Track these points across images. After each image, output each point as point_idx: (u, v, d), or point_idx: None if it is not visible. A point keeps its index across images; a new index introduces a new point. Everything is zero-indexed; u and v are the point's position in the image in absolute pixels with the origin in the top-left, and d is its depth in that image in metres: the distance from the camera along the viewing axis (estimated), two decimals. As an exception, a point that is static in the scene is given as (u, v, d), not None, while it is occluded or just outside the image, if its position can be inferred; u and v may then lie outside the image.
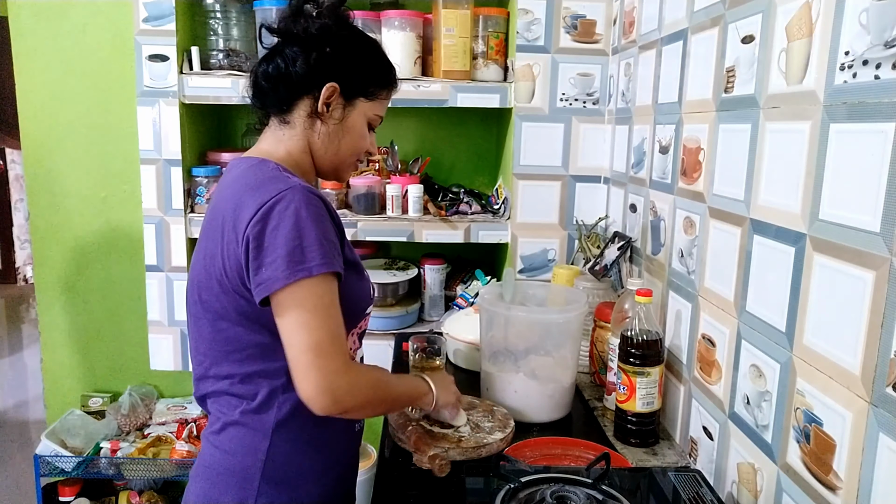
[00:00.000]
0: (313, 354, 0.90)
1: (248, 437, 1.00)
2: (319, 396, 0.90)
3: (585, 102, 1.92)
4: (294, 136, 1.07)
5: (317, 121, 1.06)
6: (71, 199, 2.20)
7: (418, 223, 1.97)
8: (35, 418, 3.37)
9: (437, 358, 1.56)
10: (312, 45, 1.03)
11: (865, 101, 0.80)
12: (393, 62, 1.12)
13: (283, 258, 0.90)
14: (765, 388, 1.01)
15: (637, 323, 1.27)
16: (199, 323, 1.03)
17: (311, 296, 0.91)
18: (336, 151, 1.09)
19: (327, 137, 1.07)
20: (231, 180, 1.02)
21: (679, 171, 1.36)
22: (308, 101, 1.05)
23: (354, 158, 1.13)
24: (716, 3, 1.21)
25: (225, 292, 0.97)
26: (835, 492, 0.85)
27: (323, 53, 1.03)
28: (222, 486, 1.00)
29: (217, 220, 0.98)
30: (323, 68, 1.03)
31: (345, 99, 1.06)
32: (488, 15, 1.95)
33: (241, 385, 1.01)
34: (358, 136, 1.10)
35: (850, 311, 0.82)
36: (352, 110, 1.07)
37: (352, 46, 1.06)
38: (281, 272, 0.90)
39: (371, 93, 1.08)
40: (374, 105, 1.10)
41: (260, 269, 0.91)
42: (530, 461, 1.17)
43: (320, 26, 1.03)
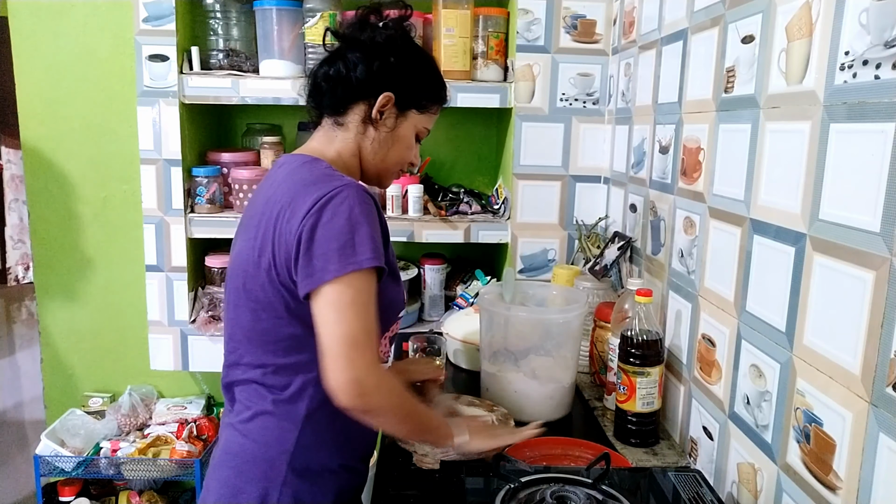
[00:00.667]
0: (346, 346, 0.92)
1: (278, 427, 1.02)
2: (346, 386, 0.91)
3: (585, 102, 1.92)
4: (346, 138, 1.10)
5: (369, 126, 1.10)
6: (71, 199, 2.20)
7: (418, 223, 1.97)
8: (34, 418, 3.37)
9: (437, 358, 1.56)
10: (376, 53, 1.07)
11: (865, 101, 0.80)
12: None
13: (336, 251, 0.93)
14: (765, 388, 1.01)
15: (637, 323, 1.27)
16: (239, 311, 1.05)
17: (354, 289, 0.93)
18: (384, 158, 1.13)
19: (378, 144, 1.11)
20: (285, 175, 1.05)
21: (679, 171, 1.36)
22: (363, 107, 1.09)
23: (399, 168, 1.17)
24: (716, 3, 1.21)
25: (272, 283, 0.99)
26: (835, 492, 0.85)
27: (386, 63, 1.07)
28: (248, 474, 1.02)
29: (272, 212, 1.00)
30: (382, 77, 1.07)
31: (398, 109, 1.10)
32: (488, 15, 1.95)
33: (274, 376, 1.03)
34: (405, 147, 1.14)
35: (850, 311, 0.82)
36: (403, 121, 1.12)
37: (412, 59, 1.11)
38: (333, 265, 0.92)
39: (423, 106, 1.13)
40: (424, 118, 1.14)
41: (312, 260, 0.94)
42: (530, 461, 1.17)
43: (387, 37, 1.08)
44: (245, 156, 2.05)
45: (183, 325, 2.01)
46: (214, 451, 1.10)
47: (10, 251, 5.68)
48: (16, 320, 5.02)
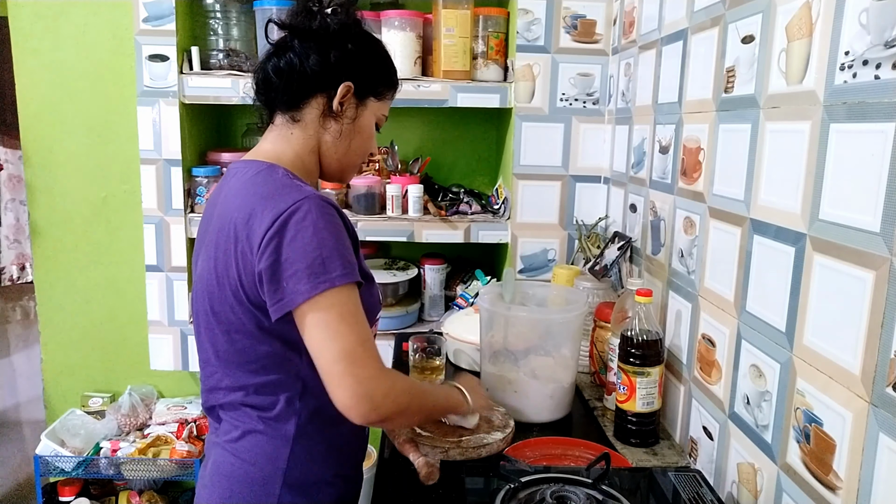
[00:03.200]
0: (346, 363, 0.88)
1: (269, 444, 0.99)
2: (358, 404, 0.88)
3: (585, 102, 1.92)
4: (304, 135, 1.04)
5: (330, 120, 1.04)
6: (71, 199, 2.20)
7: (418, 223, 1.97)
8: (34, 418, 3.37)
9: (437, 358, 1.56)
10: (332, 42, 1.01)
11: (865, 101, 0.80)
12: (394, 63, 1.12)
13: (304, 271, 0.88)
14: (765, 388, 1.01)
15: (637, 323, 1.27)
16: (211, 334, 1.01)
17: (336, 305, 0.89)
18: (346, 151, 1.08)
19: (339, 137, 1.05)
20: (239, 186, 0.99)
21: (679, 171, 1.36)
22: (321, 100, 1.03)
23: (361, 160, 1.12)
24: (716, 3, 1.21)
25: (240, 304, 0.95)
26: (835, 492, 0.85)
27: (343, 51, 1.01)
28: (241, 494, 0.99)
29: (228, 229, 0.95)
30: (341, 66, 1.01)
31: (357, 98, 1.05)
32: (488, 15, 1.95)
33: (257, 395, 0.99)
34: (367, 137, 1.10)
35: (850, 311, 0.82)
36: (363, 110, 1.07)
37: (367, 46, 1.06)
38: (303, 285, 0.87)
39: (381, 93, 1.08)
40: (381, 105, 1.09)
41: (280, 283, 0.89)
42: (530, 461, 1.17)
43: (340, 24, 1.02)
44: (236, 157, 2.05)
45: (183, 325, 2.01)
46: (203, 471, 1.06)
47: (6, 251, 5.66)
48: (11, 320, 5.02)
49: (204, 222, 1.05)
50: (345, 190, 2.06)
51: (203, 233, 1.04)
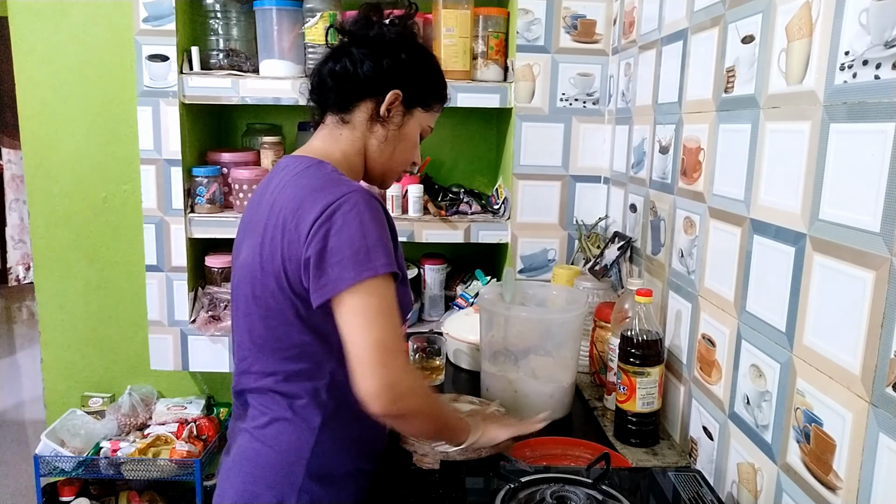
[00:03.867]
0: (378, 351, 0.91)
1: (295, 433, 1.02)
2: (382, 393, 0.90)
3: (585, 102, 1.92)
4: (352, 137, 1.09)
5: (376, 124, 1.08)
6: (71, 199, 2.20)
7: (418, 223, 1.97)
8: (35, 418, 3.37)
9: (437, 358, 1.56)
10: (386, 50, 1.06)
11: (865, 101, 0.80)
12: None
13: (350, 258, 0.92)
14: (765, 388, 1.01)
15: (637, 323, 1.27)
16: (250, 318, 1.04)
17: (376, 295, 0.92)
18: (390, 157, 1.12)
19: (384, 142, 1.10)
20: (290, 179, 1.03)
21: (679, 171, 1.36)
22: (370, 104, 1.07)
23: (403, 167, 1.16)
24: (716, 3, 1.21)
25: (282, 290, 0.98)
26: (835, 492, 0.85)
27: (396, 60, 1.06)
28: (265, 479, 1.02)
29: (277, 218, 0.99)
30: (392, 74, 1.06)
31: (405, 107, 1.09)
32: (488, 15, 1.95)
33: (286, 383, 1.02)
34: (411, 145, 1.13)
35: (850, 310, 0.82)
36: (409, 119, 1.11)
37: (420, 57, 1.10)
38: (348, 272, 0.91)
39: (428, 104, 1.12)
40: (427, 116, 1.14)
41: (325, 269, 0.92)
42: (530, 461, 1.17)
43: (397, 34, 1.07)
44: (245, 156, 2.05)
45: (183, 325, 2.01)
46: (225, 457, 1.09)
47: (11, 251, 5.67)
48: (16, 320, 5.02)
49: (249, 212, 1.10)
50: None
51: (248, 222, 1.08)
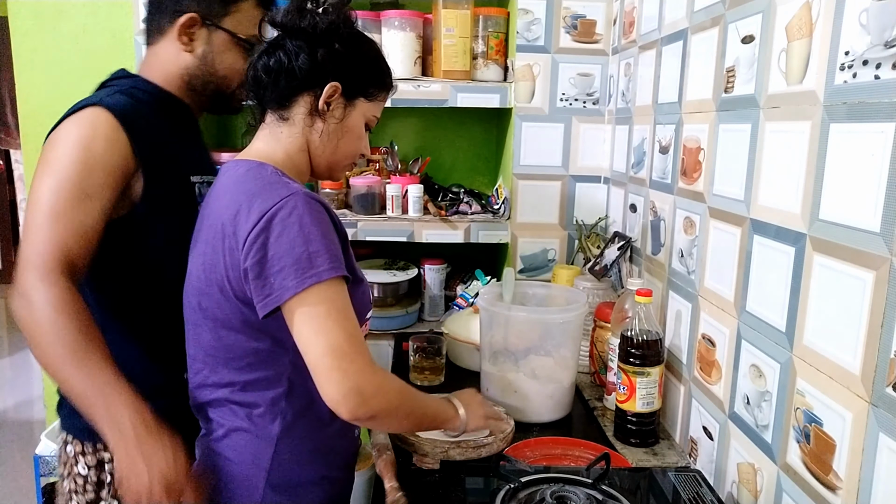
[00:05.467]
0: (332, 357, 0.88)
1: (252, 444, 0.99)
2: (346, 399, 0.88)
3: (585, 102, 1.92)
4: (293, 134, 1.04)
5: (317, 119, 1.04)
6: (71, 199, 2.20)
7: (418, 223, 1.97)
8: (34, 418, 3.37)
9: (438, 358, 1.56)
10: (319, 41, 1.01)
11: (865, 101, 0.80)
12: (393, 62, 1.12)
13: (291, 266, 0.89)
14: (765, 388, 1.01)
15: (637, 323, 1.27)
16: (198, 330, 1.02)
17: (324, 300, 0.90)
18: (334, 150, 1.07)
19: (326, 136, 1.05)
20: (230, 184, 1.00)
21: (679, 171, 1.36)
22: (308, 99, 1.03)
23: (350, 160, 1.11)
24: (716, 3, 1.21)
25: (227, 300, 0.96)
26: (835, 492, 0.85)
27: (331, 50, 1.01)
28: (225, 492, 0.99)
29: (216, 226, 0.96)
30: (328, 65, 1.01)
31: (345, 98, 1.04)
32: (488, 15, 1.95)
33: (242, 393, 1.00)
34: (356, 137, 1.08)
35: (850, 311, 0.82)
36: (352, 110, 1.06)
37: (357, 46, 1.05)
38: (290, 281, 0.88)
39: (371, 93, 1.07)
40: (371, 106, 1.08)
41: (267, 279, 0.90)
42: (530, 461, 1.17)
43: (329, 23, 1.01)
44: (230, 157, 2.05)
45: (183, 325, 2.01)
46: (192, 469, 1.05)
47: (19, 250, 5.68)
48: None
49: (197, 221, 1.06)
50: (345, 190, 2.06)
51: (196, 231, 1.05)
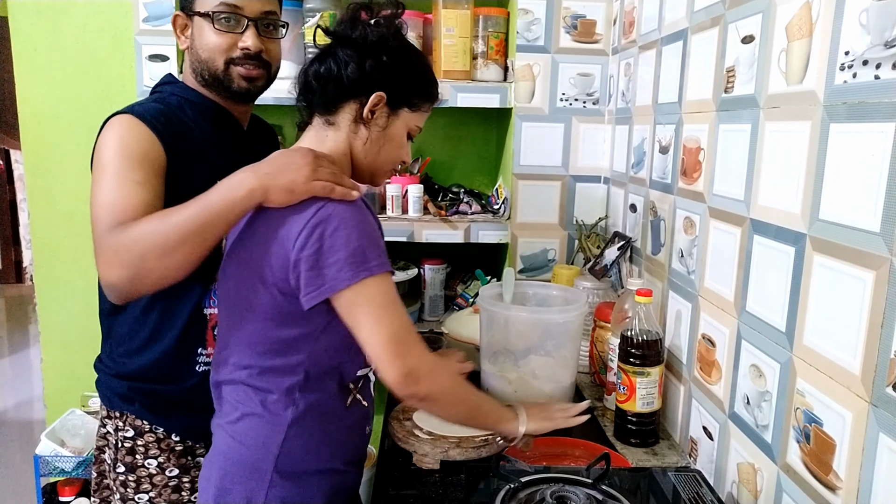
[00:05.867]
0: (394, 345, 0.95)
1: (263, 429, 1.02)
2: (405, 380, 0.96)
3: (585, 102, 1.92)
4: (337, 137, 1.08)
5: (361, 126, 1.08)
6: (71, 199, 2.20)
7: (418, 223, 1.97)
8: (34, 418, 3.37)
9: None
10: (368, 51, 1.05)
11: (865, 101, 0.80)
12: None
13: (345, 259, 0.94)
14: (765, 388, 1.01)
15: (637, 323, 1.27)
16: (229, 311, 1.06)
17: (379, 293, 0.96)
18: (375, 157, 1.11)
19: (369, 143, 1.09)
20: None
21: (679, 171, 1.36)
22: (354, 106, 1.07)
23: (391, 167, 1.15)
24: (716, 3, 1.21)
25: (265, 286, 0.99)
26: (835, 492, 0.85)
27: (378, 61, 1.05)
28: (235, 475, 1.03)
29: (267, 215, 1.00)
30: (375, 76, 1.05)
31: (390, 108, 1.08)
32: (488, 15, 1.95)
33: (259, 378, 1.03)
34: (397, 146, 1.12)
35: (850, 311, 0.82)
36: (395, 119, 1.10)
37: (404, 58, 1.09)
38: (345, 273, 0.94)
39: (415, 104, 1.11)
40: (415, 116, 1.12)
41: (321, 271, 0.94)
42: (530, 461, 1.17)
43: (379, 35, 1.06)
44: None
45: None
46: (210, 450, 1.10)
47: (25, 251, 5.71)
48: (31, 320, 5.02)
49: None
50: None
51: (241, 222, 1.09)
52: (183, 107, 1.20)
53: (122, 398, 1.20)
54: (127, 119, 1.13)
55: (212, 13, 1.16)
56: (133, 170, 1.06)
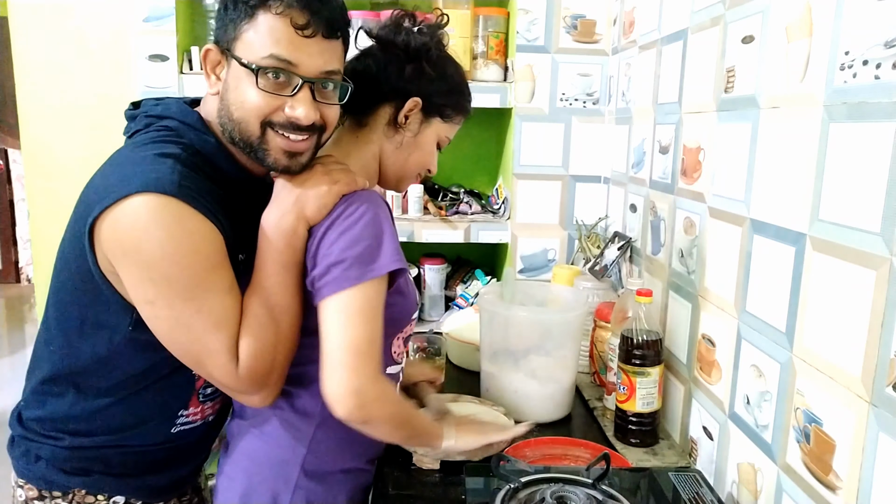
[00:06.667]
0: (350, 354, 0.91)
1: (292, 429, 1.03)
2: (347, 397, 0.91)
3: (585, 102, 1.92)
4: (368, 140, 1.09)
5: (393, 130, 1.08)
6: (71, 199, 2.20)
7: (418, 223, 1.97)
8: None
9: (437, 358, 1.56)
10: (410, 58, 1.06)
11: (865, 101, 0.80)
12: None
13: (354, 258, 0.93)
14: (765, 388, 1.01)
15: (637, 323, 1.27)
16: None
17: (362, 298, 0.93)
18: (404, 163, 1.12)
19: (399, 148, 1.10)
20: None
21: (679, 171, 1.36)
22: (389, 109, 1.07)
23: (417, 173, 1.16)
24: (716, 3, 1.21)
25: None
26: (835, 492, 0.85)
27: (419, 68, 1.05)
28: (260, 475, 1.03)
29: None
30: (413, 82, 1.06)
31: (423, 115, 1.09)
32: (488, 15, 1.95)
33: (287, 384, 1.03)
34: (427, 153, 1.13)
35: (850, 311, 0.82)
36: (427, 127, 1.10)
37: (443, 68, 1.09)
38: (352, 272, 0.92)
39: (448, 115, 1.12)
40: (447, 127, 1.13)
41: (329, 268, 0.93)
42: (530, 461, 1.17)
43: (422, 43, 1.06)
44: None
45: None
46: (224, 457, 1.09)
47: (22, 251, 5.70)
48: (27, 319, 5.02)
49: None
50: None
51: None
52: (208, 171, 0.96)
53: (72, 472, 1.01)
54: (175, 205, 0.87)
55: (257, 68, 0.89)
56: (220, 277, 0.92)
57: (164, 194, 0.86)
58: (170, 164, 0.89)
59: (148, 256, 0.87)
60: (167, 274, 0.87)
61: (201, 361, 0.93)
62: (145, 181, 0.86)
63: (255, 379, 0.94)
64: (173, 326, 0.91)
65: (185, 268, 0.88)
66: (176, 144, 0.94)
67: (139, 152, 0.93)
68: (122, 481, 1.03)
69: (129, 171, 0.90)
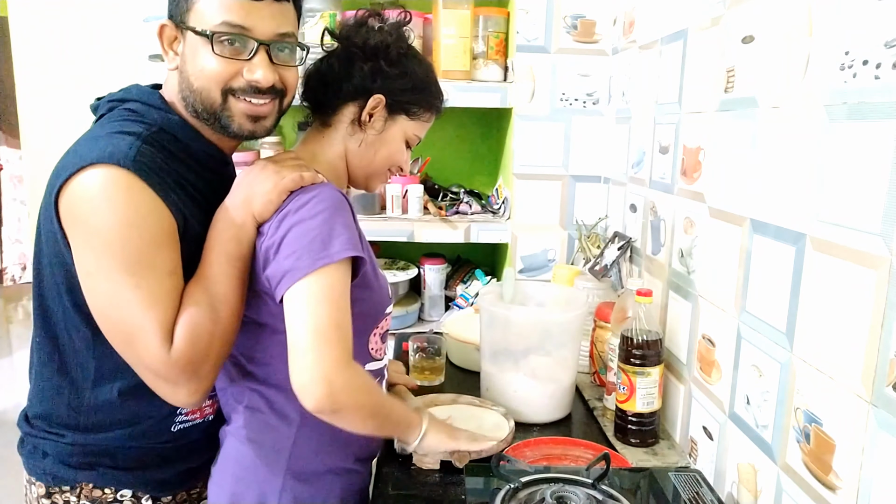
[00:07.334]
0: (315, 339, 0.88)
1: (274, 431, 1.03)
2: (313, 386, 0.87)
3: (585, 102, 1.92)
4: (334, 140, 1.09)
5: (357, 129, 1.08)
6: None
7: (418, 223, 1.97)
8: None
9: (437, 358, 1.56)
10: (368, 56, 1.06)
11: (865, 101, 0.80)
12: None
13: (305, 247, 0.91)
14: (765, 388, 1.02)
15: (637, 323, 1.27)
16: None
17: (323, 283, 0.91)
18: (370, 162, 1.12)
19: (364, 146, 1.09)
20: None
21: (679, 171, 1.36)
22: (352, 109, 1.07)
23: (386, 170, 1.15)
24: (716, 3, 1.21)
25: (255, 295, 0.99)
26: (835, 492, 0.85)
27: (377, 66, 1.06)
28: (246, 479, 1.03)
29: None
30: (373, 80, 1.06)
31: (388, 113, 1.09)
32: (488, 15, 1.95)
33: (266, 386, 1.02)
34: (395, 151, 1.12)
35: (851, 311, 0.82)
36: (392, 125, 1.10)
37: (405, 65, 1.09)
38: (303, 261, 0.90)
39: (414, 112, 1.11)
40: (414, 125, 1.13)
41: (281, 260, 0.92)
42: (530, 461, 1.17)
43: (379, 41, 1.06)
44: (245, 156, 2.05)
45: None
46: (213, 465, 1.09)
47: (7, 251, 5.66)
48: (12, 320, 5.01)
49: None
50: (345, 190, 2.06)
51: None
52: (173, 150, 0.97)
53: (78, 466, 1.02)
54: (126, 178, 0.87)
55: (211, 33, 0.92)
56: (163, 258, 0.91)
57: (117, 166, 0.87)
58: (129, 140, 0.90)
59: (92, 226, 0.87)
60: (109, 244, 0.87)
61: (132, 341, 0.90)
62: (101, 154, 0.88)
63: (186, 366, 0.90)
64: (109, 301, 0.89)
65: (127, 240, 0.87)
66: (140, 123, 0.95)
67: (101, 130, 0.95)
68: (129, 475, 1.03)
69: (88, 146, 0.91)
